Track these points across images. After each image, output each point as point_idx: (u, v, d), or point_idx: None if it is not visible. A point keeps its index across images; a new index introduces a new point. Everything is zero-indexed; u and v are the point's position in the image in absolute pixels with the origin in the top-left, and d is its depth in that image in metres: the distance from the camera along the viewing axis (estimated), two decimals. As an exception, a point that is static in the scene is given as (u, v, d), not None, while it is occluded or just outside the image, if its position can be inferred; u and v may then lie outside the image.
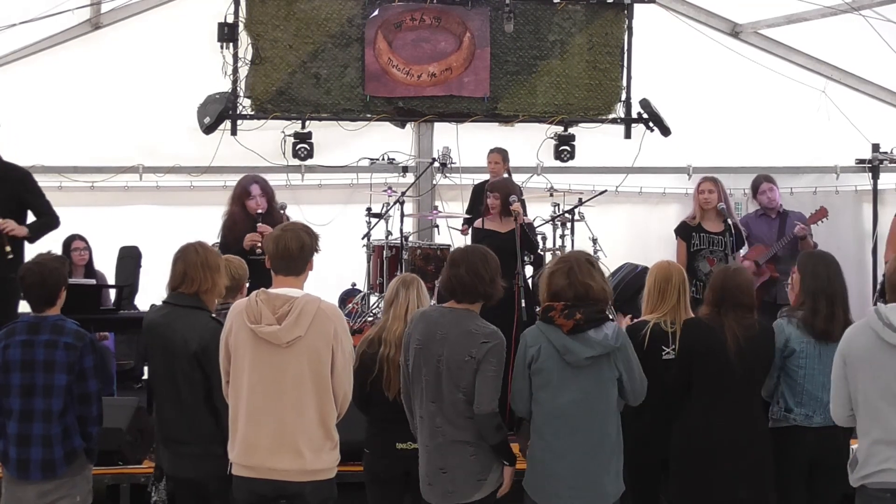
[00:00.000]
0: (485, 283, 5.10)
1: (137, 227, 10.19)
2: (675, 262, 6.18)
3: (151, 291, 8.93)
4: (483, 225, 8.20)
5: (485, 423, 5.01)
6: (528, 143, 10.45)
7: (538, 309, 5.26)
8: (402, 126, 10.39)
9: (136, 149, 10.26)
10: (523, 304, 7.81)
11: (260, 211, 7.83)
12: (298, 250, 4.89)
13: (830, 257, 5.82)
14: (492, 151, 9.72)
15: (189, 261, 5.28)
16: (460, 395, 5.04)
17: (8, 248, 7.26)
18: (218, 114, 9.66)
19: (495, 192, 8.23)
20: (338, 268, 9.60)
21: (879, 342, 4.79)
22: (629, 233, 10.96)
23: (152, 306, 5.65)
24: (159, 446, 5.42)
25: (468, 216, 9.58)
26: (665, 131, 10.29)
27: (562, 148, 10.33)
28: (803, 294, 5.61)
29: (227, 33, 9.70)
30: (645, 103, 10.29)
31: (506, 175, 9.51)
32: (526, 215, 9.37)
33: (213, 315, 5.26)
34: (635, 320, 5.93)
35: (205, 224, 8.27)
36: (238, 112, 9.81)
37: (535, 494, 5.09)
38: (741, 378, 5.44)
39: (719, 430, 5.43)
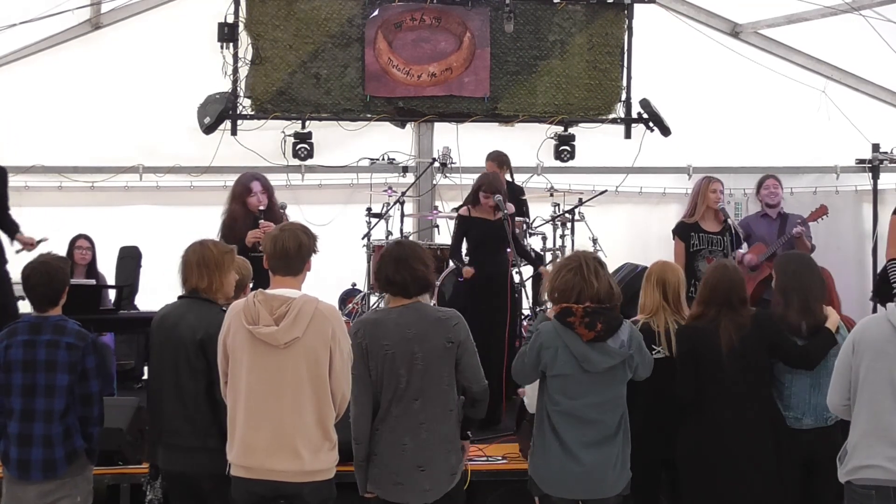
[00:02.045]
0: (431, 272, 5.20)
1: (137, 227, 10.18)
2: (663, 261, 6.17)
3: (151, 291, 8.95)
4: (470, 213, 8.20)
5: (484, 396, 5.16)
6: (528, 143, 10.45)
7: (548, 308, 5.31)
8: (402, 126, 10.39)
9: (136, 149, 10.25)
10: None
11: (261, 208, 7.84)
12: (296, 250, 4.89)
13: (805, 256, 5.90)
14: (487, 159, 9.63)
15: (202, 257, 5.32)
16: (445, 385, 5.09)
17: None
18: (218, 114, 9.67)
19: (487, 194, 8.26)
20: (338, 268, 9.61)
21: (894, 335, 4.75)
22: (629, 233, 10.96)
23: (166, 306, 5.67)
24: (155, 442, 5.40)
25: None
26: (665, 131, 10.30)
27: (562, 148, 10.33)
28: (776, 292, 5.71)
29: (227, 33, 9.71)
30: (645, 103, 10.29)
31: (508, 178, 9.51)
32: (528, 216, 9.39)
33: (224, 309, 5.25)
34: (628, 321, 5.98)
35: (205, 224, 8.26)
36: (238, 112, 9.81)
37: (545, 485, 5.19)
38: (738, 378, 5.48)
39: (723, 432, 5.47)
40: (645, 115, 10.29)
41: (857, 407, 4.82)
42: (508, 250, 7.95)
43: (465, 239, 8.24)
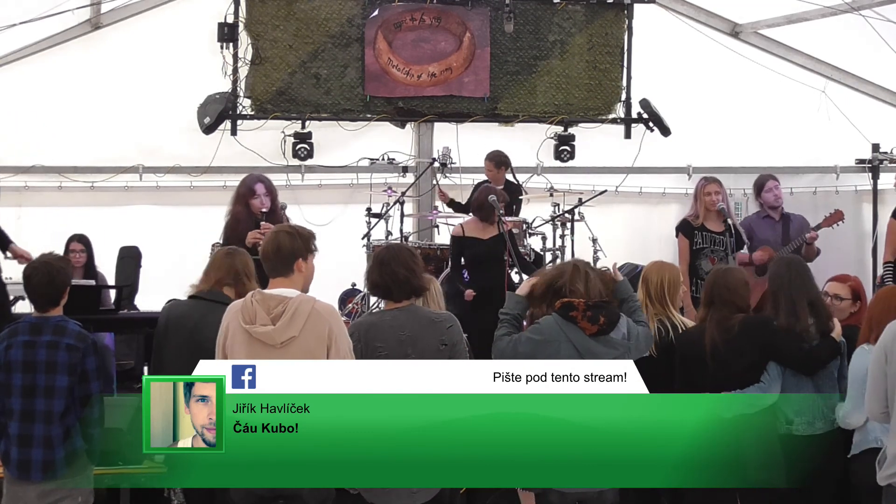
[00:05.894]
0: (417, 277, 5.17)
1: (137, 227, 10.17)
2: (654, 261, 6.19)
3: (151, 291, 8.94)
4: (463, 233, 8.25)
5: None
6: (528, 143, 10.45)
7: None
8: (402, 126, 10.40)
9: (136, 149, 10.25)
10: None
11: (264, 210, 7.84)
12: (275, 253, 4.92)
13: (797, 260, 5.89)
14: (486, 159, 9.66)
15: (245, 265, 5.70)
16: None
17: None
18: (218, 114, 9.68)
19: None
20: (338, 268, 9.59)
21: None
22: (629, 233, 10.95)
23: (172, 301, 5.70)
24: None
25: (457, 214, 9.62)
26: (665, 131, 10.30)
27: (562, 148, 10.34)
28: (769, 298, 5.74)
29: (227, 33, 9.72)
30: (645, 103, 10.30)
31: (509, 177, 9.52)
32: (516, 215, 9.39)
33: None
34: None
35: (205, 224, 8.27)
36: (238, 112, 9.82)
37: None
38: (722, 382, 5.46)
39: None
40: (645, 115, 10.30)
41: None
42: (507, 258, 8.01)
43: (462, 258, 8.35)
